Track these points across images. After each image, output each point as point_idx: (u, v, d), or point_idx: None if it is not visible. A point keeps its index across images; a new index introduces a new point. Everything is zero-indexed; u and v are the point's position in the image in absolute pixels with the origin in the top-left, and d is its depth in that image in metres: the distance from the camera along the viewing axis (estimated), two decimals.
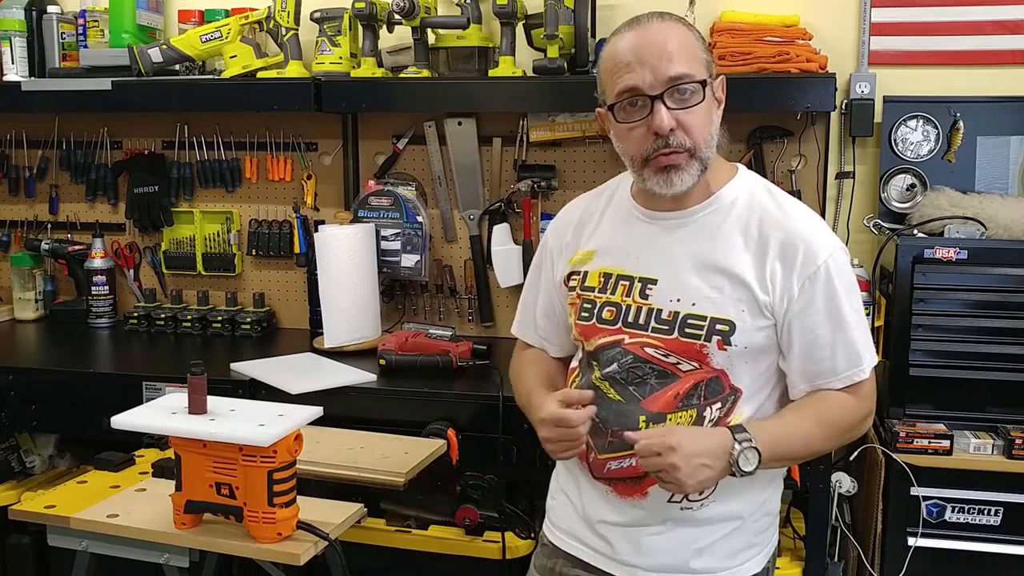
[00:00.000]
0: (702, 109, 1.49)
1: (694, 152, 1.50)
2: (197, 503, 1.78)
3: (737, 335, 1.50)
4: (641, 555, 1.59)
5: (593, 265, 1.64)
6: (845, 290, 1.52)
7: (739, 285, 1.51)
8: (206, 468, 1.75)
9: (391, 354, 2.60)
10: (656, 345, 1.54)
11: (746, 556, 1.61)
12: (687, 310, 1.53)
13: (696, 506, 1.56)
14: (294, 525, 1.76)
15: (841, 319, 1.52)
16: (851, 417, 1.56)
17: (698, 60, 1.50)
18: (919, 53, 2.77)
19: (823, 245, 1.52)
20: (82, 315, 3.26)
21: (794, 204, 1.59)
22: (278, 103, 2.85)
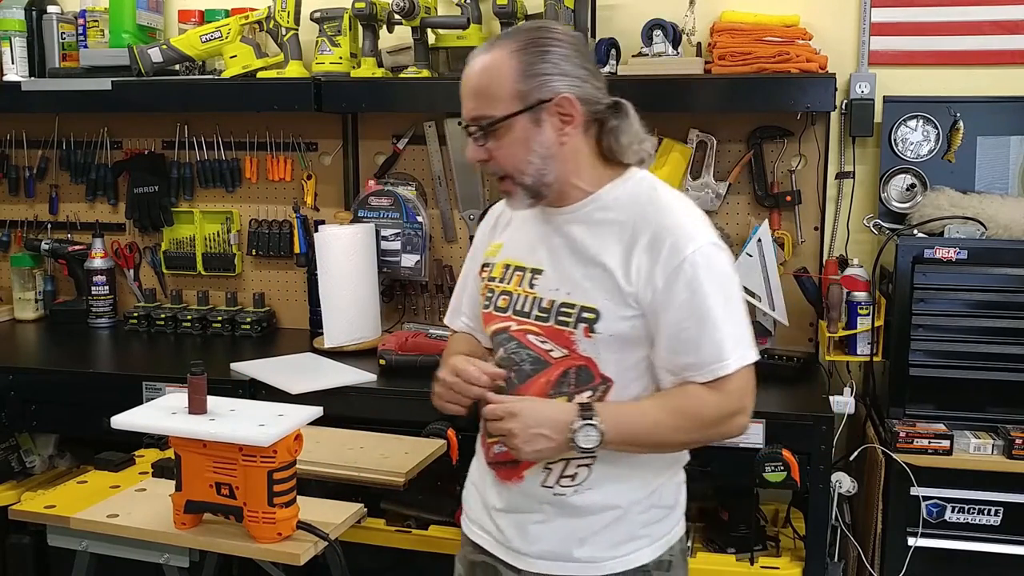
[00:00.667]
0: (509, 142, 1.56)
1: (512, 178, 1.59)
2: (197, 503, 1.78)
3: (601, 323, 1.56)
4: (527, 542, 1.65)
5: (499, 257, 1.73)
6: (712, 284, 1.53)
7: (606, 275, 1.57)
8: (206, 468, 1.75)
9: (391, 354, 2.60)
10: (536, 332, 1.62)
11: (631, 547, 1.64)
12: (562, 299, 1.60)
13: (569, 492, 1.61)
14: (294, 525, 1.76)
15: (705, 313, 1.53)
16: (710, 411, 1.55)
17: (503, 95, 1.54)
18: (919, 53, 2.77)
19: (691, 239, 1.54)
20: (82, 315, 3.26)
21: (674, 200, 1.63)
22: (278, 103, 2.85)
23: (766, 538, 2.48)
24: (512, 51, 1.54)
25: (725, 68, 2.62)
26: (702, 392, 1.55)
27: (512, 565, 1.67)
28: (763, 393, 2.45)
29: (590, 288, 1.57)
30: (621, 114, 1.61)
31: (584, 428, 1.50)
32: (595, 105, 1.58)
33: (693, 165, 2.85)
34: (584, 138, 1.59)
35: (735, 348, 1.55)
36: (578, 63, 1.56)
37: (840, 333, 2.60)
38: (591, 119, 1.59)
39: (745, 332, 1.57)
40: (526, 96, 1.54)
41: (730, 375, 1.54)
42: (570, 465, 1.60)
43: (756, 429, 2.24)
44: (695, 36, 2.76)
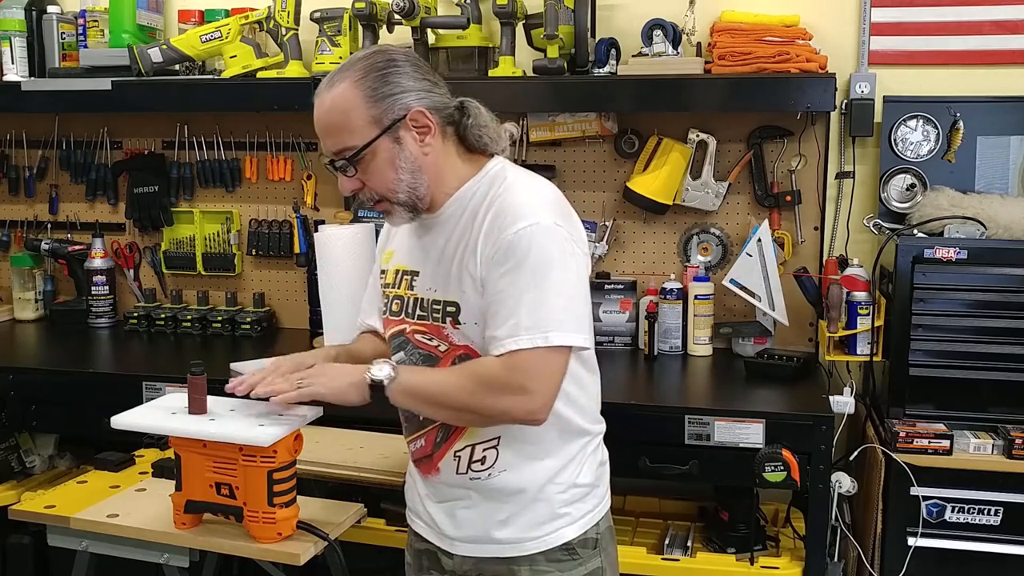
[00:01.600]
0: (376, 166, 1.62)
1: (388, 199, 1.66)
2: (197, 503, 1.78)
3: (463, 313, 1.63)
4: (455, 527, 1.72)
5: (391, 263, 1.80)
6: (527, 263, 1.55)
7: (461, 268, 1.63)
8: (206, 468, 1.75)
9: None
10: (422, 331, 1.69)
11: (553, 527, 1.68)
12: (432, 296, 1.68)
13: (483, 475, 1.67)
14: (294, 525, 1.76)
15: (510, 289, 1.55)
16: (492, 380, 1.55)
17: (358, 125, 1.59)
18: (919, 53, 2.77)
19: (520, 217, 1.57)
20: (82, 315, 3.26)
21: (518, 182, 1.66)
22: (278, 103, 2.85)
23: (766, 538, 2.48)
24: (354, 81, 1.60)
25: (725, 68, 2.62)
26: (492, 362, 1.57)
27: (445, 550, 1.74)
28: (763, 393, 2.49)
29: (452, 283, 1.64)
30: (471, 112, 1.68)
31: (378, 364, 1.61)
32: (445, 110, 1.65)
33: (693, 165, 2.85)
34: (443, 144, 1.66)
35: (530, 328, 1.53)
36: (419, 76, 1.63)
37: (840, 333, 2.60)
38: (445, 124, 1.66)
39: (553, 315, 1.54)
40: (380, 119, 1.60)
41: (520, 352, 1.53)
42: (476, 450, 1.66)
43: (756, 429, 2.24)
44: (695, 36, 2.76)
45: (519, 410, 1.56)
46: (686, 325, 2.83)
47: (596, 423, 1.77)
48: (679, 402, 2.45)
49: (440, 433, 1.70)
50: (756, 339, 2.81)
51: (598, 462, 1.76)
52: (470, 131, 1.67)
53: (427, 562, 1.80)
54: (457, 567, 1.73)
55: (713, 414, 2.27)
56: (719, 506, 2.51)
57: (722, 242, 2.90)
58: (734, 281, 2.75)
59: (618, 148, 2.92)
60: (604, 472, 1.78)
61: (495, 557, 1.69)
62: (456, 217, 1.67)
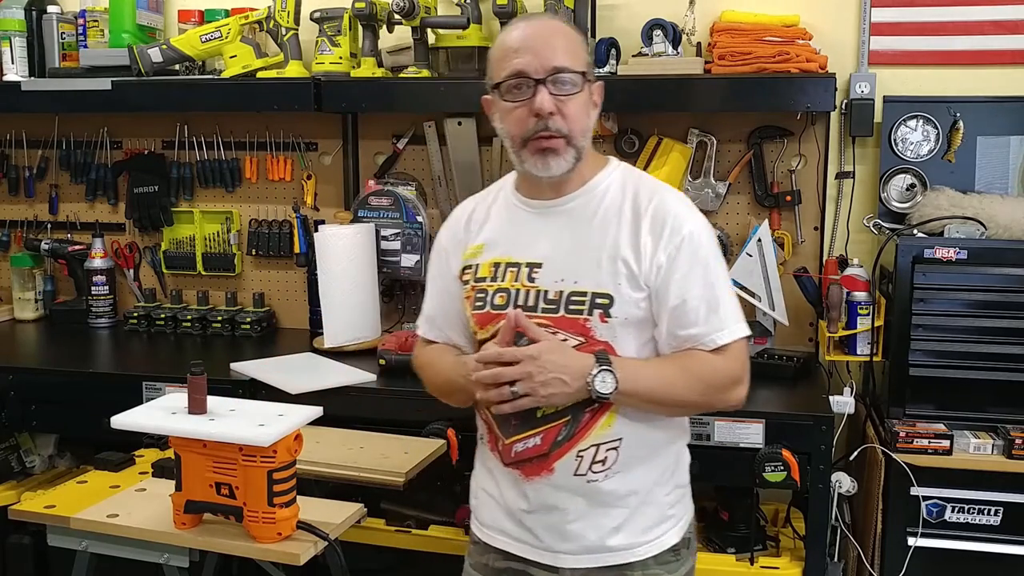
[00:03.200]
0: (580, 100, 1.62)
1: (570, 139, 1.61)
2: (197, 503, 1.78)
3: (616, 307, 1.60)
4: (562, 540, 1.65)
5: (483, 257, 1.73)
6: (708, 260, 1.63)
7: (616, 260, 1.61)
8: (206, 468, 1.75)
9: (391, 354, 2.60)
10: (546, 324, 1.62)
11: (662, 530, 1.68)
12: (570, 288, 1.62)
13: (600, 477, 1.62)
14: (294, 525, 1.76)
15: (707, 286, 1.61)
16: (717, 374, 1.62)
17: (580, 58, 1.63)
18: (919, 53, 2.77)
19: (686, 219, 1.64)
20: (82, 315, 3.26)
21: (661, 185, 1.72)
22: (278, 103, 2.85)
23: (766, 538, 2.48)
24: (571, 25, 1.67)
25: (725, 68, 2.62)
26: (709, 356, 1.61)
27: (548, 565, 1.66)
28: (763, 393, 2.49)
29: (599, 274, 1.61)
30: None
31: (601, 374, 1.54)
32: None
33: (693, 165, 2.85)
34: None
35: (732, 319, 1.63)
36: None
37: (840, 333, 2.60)
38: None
39: (737, 307, 1.65)
40: (590, 67, 1.65)
41: (733, 344, 1.62)
42: (600, 450, 1.62)
43: (756, 429, 2.24)
44: (695, 36, 2.76)
45: (736, 399, 1.65)
46: None
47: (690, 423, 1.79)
48: None
49: (564, 431, 1.61)
50: (756, 339, 2.80)
51: (687, 463, 1.77)
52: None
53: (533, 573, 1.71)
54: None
55: (713, 414, 2.26)
56: (719, 506, 2.51)
57: (722, 242, 2.89)
58: (734, 281, 2.74)
59: (618, 148, 2.92)
60: (688, 473, 1.78)
61: (608, 566, 1.64)
62: (591, 207, 1.66)
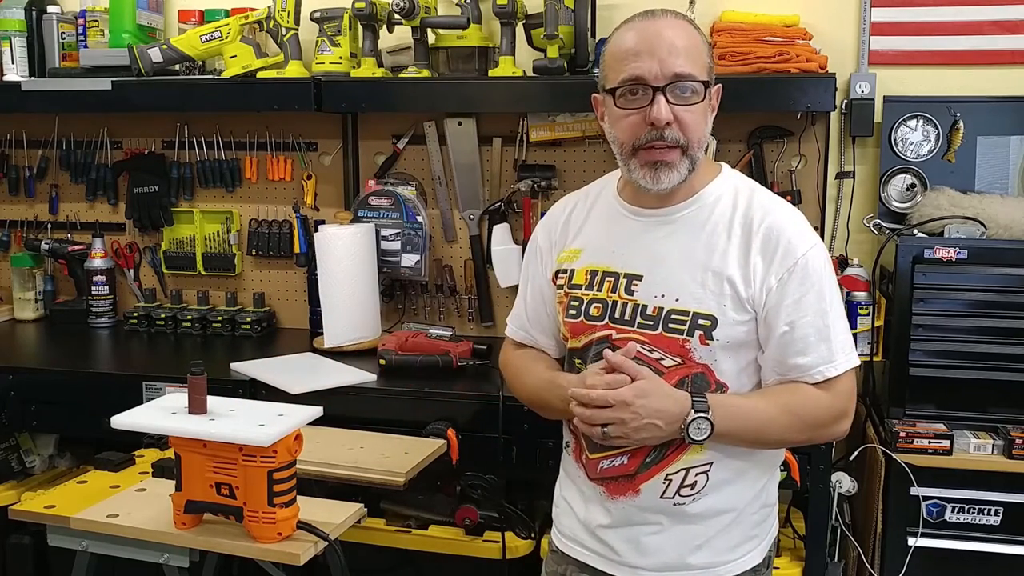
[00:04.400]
0: (699, 109, 1.52)
1: (686, 149, 1.53)
2: (197, 503, 1.78)
3: (719, 329, 1.52)
4: (641, 555, 1.61)
5: (580, 263, 1.66)
6: (822, 286, 1.54)
7: (722, 280, 1.53)
8: (206, 468, 1.75)
9: (391, 354, 2.60)
10: (642, 341, 1.56)
11: (745, 549, 1.62)
12: (671, 305, 1.55)
13: (688, 501, 1.57)
14: (294, 525, 1.76)
15: (817, 314, 1.53)
16: (820, 412, 1.55)
17: (702, 63, 1.53)
18: (919, 53, 2.77)
19: (802, 240, 1.55)
20: (82, 315, 3.26)
21: (776, 201, 1.62)
22: (278, 103, 2.85)
23: None
24: (694, 26, 1.55)
25: (725, 68, 2.61)
26: (813, 392, 1.54)
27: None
28: None
29: (701, 294, 1.53)
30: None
31: (697, 420, 1.48)
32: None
33: None
34: None
35: (843, 350, 1.55)
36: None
37: None
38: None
39: (849, 335, 1.58)
40: (711, 72, 1.55)
41: (839, 376, 1.54)
42: (689, 474, 1.57)
43: None
44: None
45: (840, 433, 1.60)
46: None
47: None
48: None
49: (654, 453, 1.57)
50: None
51: (776, 482, 1.71)
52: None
53: None
54: None
55: None
56: None
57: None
58: None
59: None
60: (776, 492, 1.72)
61: None
62: (699, 219, 1.57)
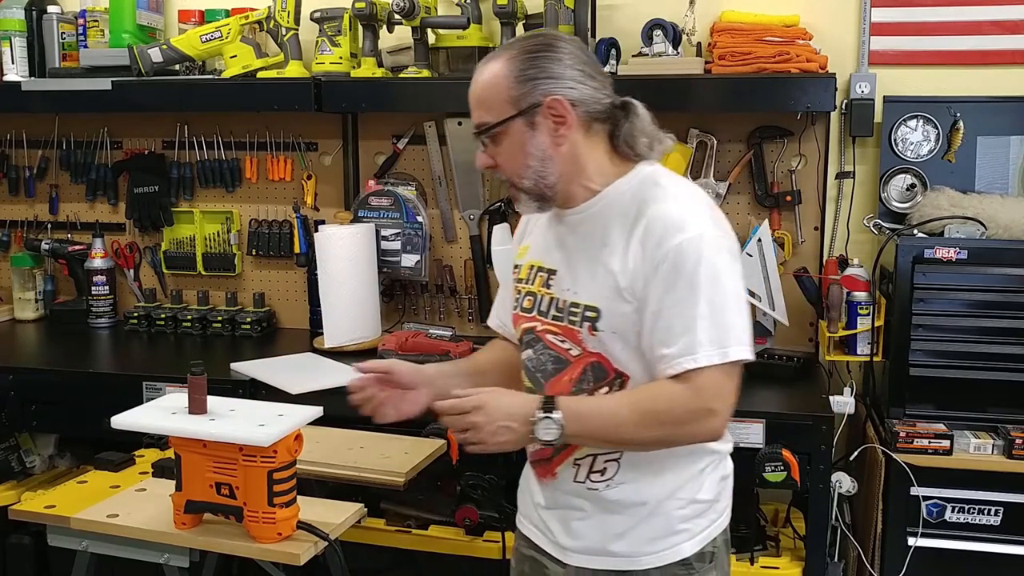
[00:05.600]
0: (508, 147, 1.60)
1: (514, 183, 1.63)
2: (197, 503, 1.78)
3: (603, 320, 1.58)
4: (570, 538, 1.67)
5: (526, 258, 1.76)
6: (695, 276, 1.51)
7: (607, 272, 1.58)
8: (206, 468, 1.75)
9: (391, 354, 2.60)
10: (555, 332, 1.64)
11: (671, 542, 1.63)
12: (571, 298, 1.63)
13: (601, 487, 1.62)
14: (294, 525, 1.76)
15: (681, 304, 1.51)
16: (676, 408, 1.52)
17: (500, 103, 1.58)
18: (919, 53, 2.77)
19: (681, 228, 1.52)
20: (82, 315, 3.26)
21: (674, 189, 1.61)
22: (278, 103, 2.85)
23: (766, 538, 2.48)
24: (507, 59, 1.59)
25: (725, 68, 2.62)
26: (669, 387, 1.52)
27: (557, 559, 1.69)
28: (763, 393, 2.49)
29: (594, 287, 1.59)
30: (631, 114, 1.63)
31: (543, 421, 1.51)
32: (593, 106, 1.59)
33: (693, 165, 2.85)
34: (587, 139, 1.60)
35: (710, 343, 1.50)
36: (571, 65, 1.58)
37: (840, 333, 2.60)
38: (591, 120, 1.60)
39: (730, 329, 1.51)
40: (518, 101, 1.57)
41: (700, 371, 1.50)
42: (598, 460, 1.62)
43: (756, 429, 2.25)
44: (695, 36, 2.76)
45: (706, 433, 1.55)
46: None
47: (727, 441, 1.69)
48: None
49: None
50: (756, 339, 2.79)
51: (720, 477, 1.69)
52: (623, 135, 1.62)
53: (529, 568, 1.75)
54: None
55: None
56: None
57: None
58: None
59: None
60: (726, 486, 1.72)
61: (609, 570, 1.64)
62: (601, 217, 1.61)
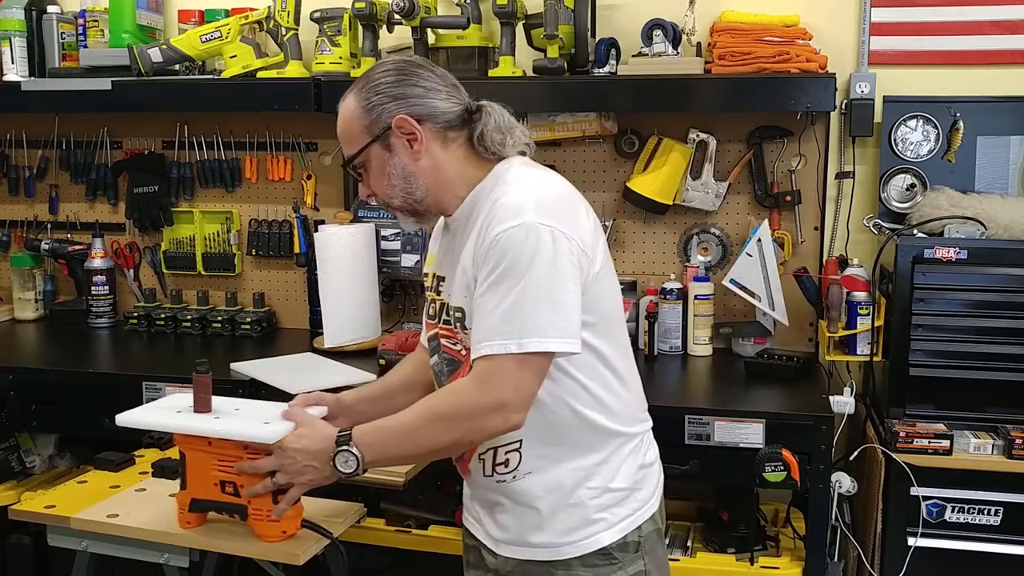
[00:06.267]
0: (374, 173, 1.69)
1: (386, 203, 1.72)
2: (202, 502, 1.78)
3: (467, 319, 1.61)
4: (497, 529, 1.71)
5: (430, 268, 1.82)
6: (507, 266, 1.50)
7: (463, 272, 1.63)
8: (211, 466, 1.75)
9: (391, 354, 2.60)
10: (447, 335, 1.69)
11: (588, 532, 1.65)
12: (449, 301, 1.68)
13: (509, 478, 1.65)
14: (298, 523, 1.76)
15: (489, 294, 1.52)
16: (463, 405, 1.54)
17: (356, 133, 1.68)
18: (919, 53, 2.77)
19: (506, 218, 1.53)
20: (82, 315, 3.26)
21: (517, 179, 1.63)
22: (278, 103, 2.85)
23: (766, 538, 2.48)
24: (355, 93, 1.69)
25: (725, 68, 2.62)
26: (460, 385, 1.57)
27: (490, 548, 1.74)
28: (763, 393, 2.49)
29: (456, 288, 1.65)
30: (482, 116, 1.67)
31: (340, 454, 1.59)
32: (443, 116, 1.65)
33: (693, 165, 2.85)
34: (445, 149, 1.66)
35: (502, 333, 1.49)
36: (414, 83, 1.65)
37: (840, 333, 2.60)
38: (445, 129, 1.65)
39: (532, 320, 1.49)
40: (370, 129, 1.66)
41: (490, 360, 1.50)
42: (499, 452, 1.65)
43: (756, 429, 2.25)
44: (695, 36, 2.76)
45: (496, 426, 1.53)
46: (686, 325, 2.83)
47: (631, 424, 1.70)
48: (679, 402, 2.44)
49: None
50: (756, 339, 2.81)
51: (637, 465, 1.70)
52: (479, 138, 1.66)
53: (472, 558, 1.80)
54: (500, 566, 1.71)
55: (713, 414, 2.27)
56: (719, 506, 2.51)
57: (722, 242, 2.90)
58: (734, 281, 2.75)
59: (618, 148, 2.92)
60: (648, 474, 1.72)
61: (533, 560, 1.67)
62: (465, 221, 1.67)
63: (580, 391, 1.62)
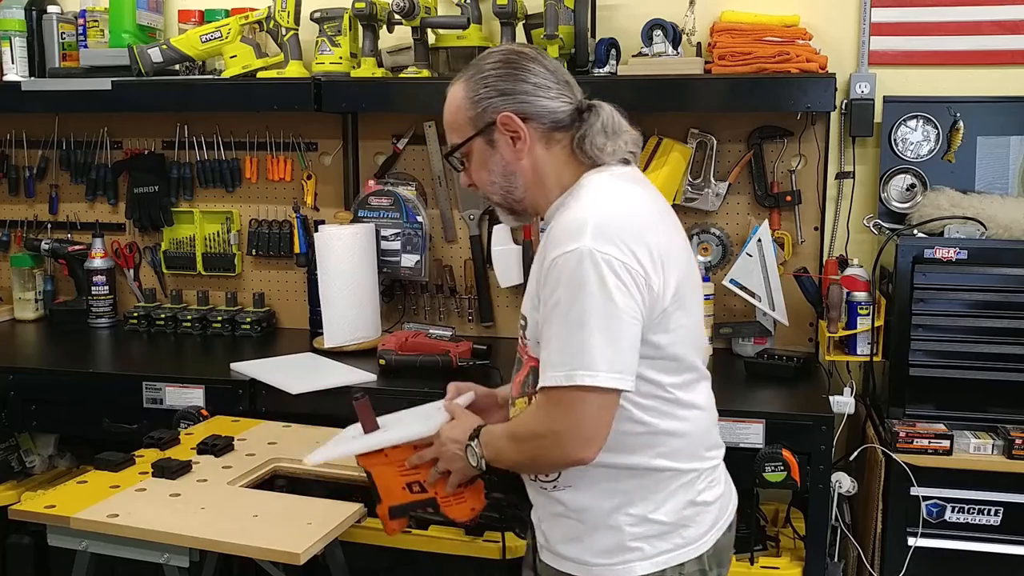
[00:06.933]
0: (476, 165, 1.68)
1: (487, 198, 1.72)
2: (399, 507, 1.82)
3: (529, 328, 1.63)
4: (540, 534, 1.72)
5: None
6: (562, 293, 1.47)
7: (532, 283, 1.63)
8: (394, 474, 1.80)
9: (391, 354, 2.60)
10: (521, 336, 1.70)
11: (623, 558, 1.60)
12: (522, 306, 1.70)
13: (550, 488, 1.65)
14: (482, 499, 1.81)
15: (548, 321, 1.50)
16: (526, 429, 1.57)
17: (461, 123, 1.66)
18: (919, 53, 2.77)
19: (564, 241, 1.49)
20: (82, 315, 3.26)
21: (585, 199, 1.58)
22: (278, 103, 2.85)
23: (766, 538, 2.48)
24: (464, 81, 1.66)
25: (725, 68, 2.62)
26: (528, 409, 1.60)
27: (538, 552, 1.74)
28: (763, 393, 2.49)
29: (528, 297, 1.65)
30: (590, 119, 1.63)
31: (469, 448, 1.65)
32: (550, 116, 1.61)
33: (693, 165, 2.85)
34: (547, 150, 1.63)
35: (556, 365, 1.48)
36: (524, 79, 1.61)
37: (840, 333, 2.60)
38: (551, 130, 1.62)
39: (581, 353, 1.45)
40: (476, 121, 1.64)
41: (544, 392, 1.50)
42: None
43: (756, 429, 2.25)
44: (695, 36, 2.76)
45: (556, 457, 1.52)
46: None
47: (685, 460, 1.62)
48: None
49: None
50: (756, 339, 2.81)
51: (687, 501, 1.62)
52: (579, 140, 1.62)
53: (530, 558, 1.81)
54: (542, 572, 1.71)
55: None
56: None
57: (722, 242, 2.90)
58: (734, 281, 2.75)
59: None
60: (701, 513, 1.64)
61: (566, 572, 1.64)
62: (547, 228, 1.63)
63: (626, 420, 1.55)
